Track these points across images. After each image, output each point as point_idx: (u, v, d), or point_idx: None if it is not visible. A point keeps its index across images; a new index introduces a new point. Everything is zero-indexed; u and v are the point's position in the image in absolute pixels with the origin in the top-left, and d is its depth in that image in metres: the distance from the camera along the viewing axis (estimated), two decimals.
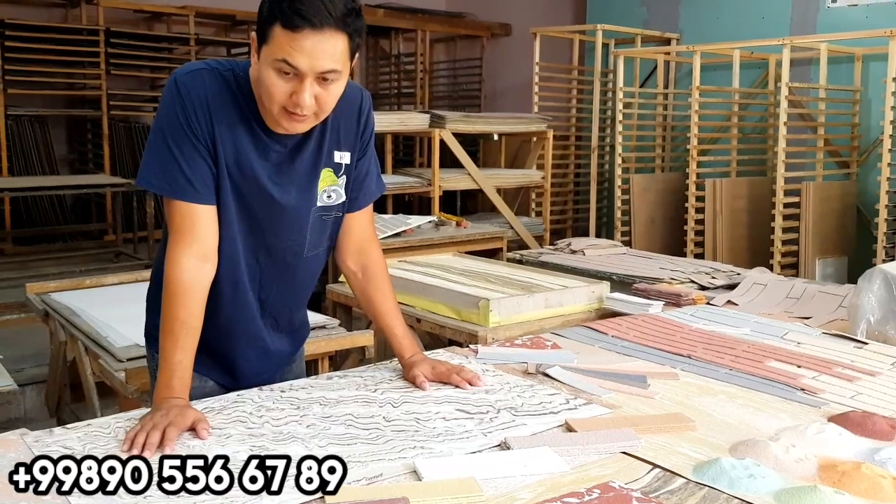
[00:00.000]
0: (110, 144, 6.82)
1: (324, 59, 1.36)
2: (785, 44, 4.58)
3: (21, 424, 3.42)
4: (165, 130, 1.46)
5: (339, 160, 1.59)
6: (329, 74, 1.38)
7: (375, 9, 7.63)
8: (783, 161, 4.59)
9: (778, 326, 2.20)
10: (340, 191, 1.61)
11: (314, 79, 1.38)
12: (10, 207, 6.37)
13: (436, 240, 4.05)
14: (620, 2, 6.59)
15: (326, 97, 1.41)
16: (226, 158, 1.48)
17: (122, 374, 2.19)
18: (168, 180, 1.47)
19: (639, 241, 5.40)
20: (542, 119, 5.70)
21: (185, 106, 1.44)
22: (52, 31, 6.46)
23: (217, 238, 1.51)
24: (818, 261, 4.68)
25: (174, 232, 1.49)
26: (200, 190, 1.47)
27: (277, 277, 1.62)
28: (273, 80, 1.38)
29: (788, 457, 1.24)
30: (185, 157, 1.45)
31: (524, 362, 1.78)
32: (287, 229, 1.57)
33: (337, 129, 1.58)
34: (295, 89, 1.38)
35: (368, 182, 1.68)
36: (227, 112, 1.47)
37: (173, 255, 1.48)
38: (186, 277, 1.47)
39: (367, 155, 1.67)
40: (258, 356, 1.68)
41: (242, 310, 1.61)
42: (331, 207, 1.61)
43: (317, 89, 1.39)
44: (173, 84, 1.46)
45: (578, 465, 1.25)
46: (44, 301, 2.96)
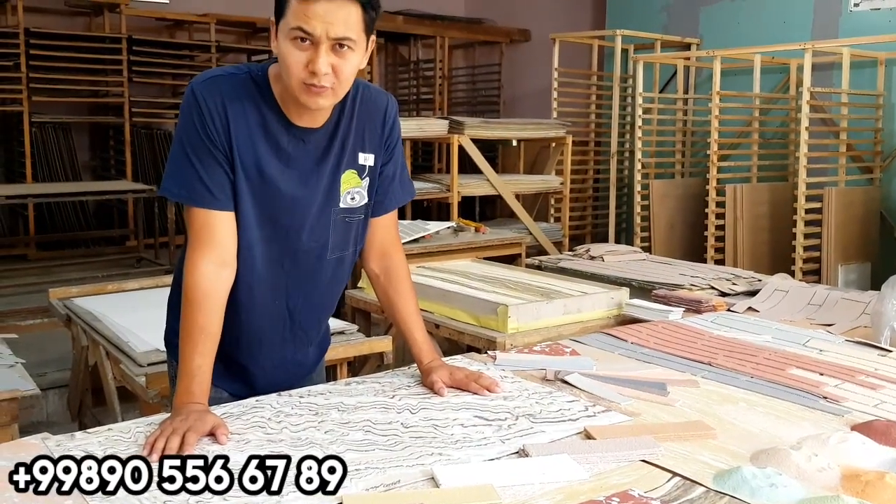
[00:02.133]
0: (132, 151, 6.89)
1: (337, 25, 1.37)
2: (807, 49, 4.54)
3: (43, 428, 3.45)
4: (184, 139, 1.48)
5: (364, 162, 1.59)
6: (344, 41, 1.39)
7: (395, 15, 7.66)
8: (805, 166, 4.55)
9: (800, 334, 2.18)
10: (364, 192, 1.61)
11: (329, 47, 1.39)
12: (34, 213, 6.45)
13: (454, 245, 4.05)
14: (640, 7, 6.58)
15: (343, 67, 1.41)
16: (244, 163, 1.49)
17: (143, 379, 2.21)
18: (186, 188, 1.48)
19: (658, 246, 5.37)
20: (561, 125, 5.69)
21: (202, 114, 1.46)
22: (75, 39, 6.55)
23: (235, 244, 1.52)
24: (840, 267, 4.63)
25: (193, 239, 1.50)
26: (218, 196, 1.48)
27: (303, 284, 1.62)
28: (290, 51, 1.40)
29: (811, 466, 1.23)
30: (203, 165, 1.47)
31: (543, 369, 1.77)
32: (309, 231, 1.56)
33: (362, 131, 1.58)
34: (311, 58, 1.39)
35: (395, 187, 1.68)
36: (244, 116, 1.48)
37: (192, 262, 1.49)
38: (205, 283, 1.48)
39: (392, 159, 1.66)
40: (275, 367, 1.67)
41: (266, 319, 1.61)
42: (354, 209, 1.61)
43: (333, 58, 1.40)
44: (190, 93, 1.47)
45: (597, 472, 1.24)
46: (66, 306, 2.99)
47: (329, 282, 1.66)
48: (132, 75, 6.75)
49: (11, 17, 6.34)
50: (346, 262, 1.67)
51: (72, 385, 3.16)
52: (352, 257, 1.68)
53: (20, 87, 6.28)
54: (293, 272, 1.60)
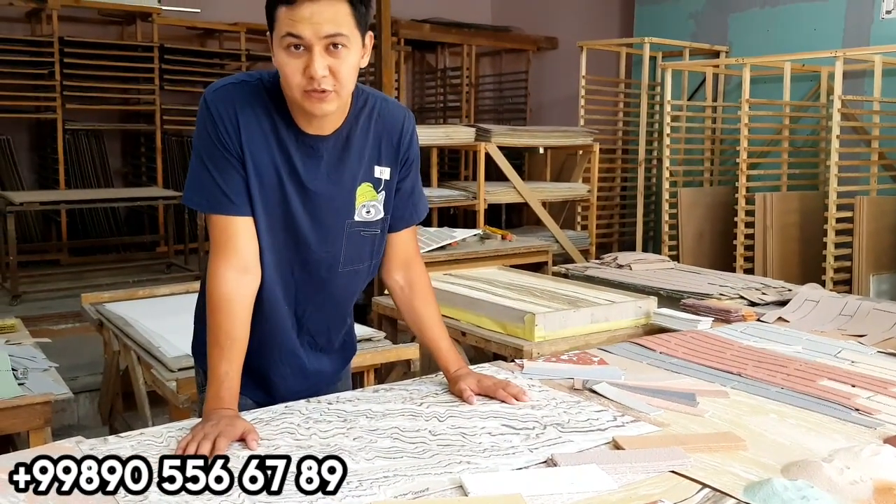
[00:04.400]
0: (163, 158, 6.99)
1: (326, 24, 1.36)
2: (838, 56, 4.49)
3: (74, 431, 3.51)
4: (200, 148, 1.50)
5: (379, 175, 1.59)
6: (336, 39, 1.38)
7: (422, 23, 7.69)
8: (836, 175, 4.50)
9: (831, 344, 2.16)
10: (380, 206, 1.60)
11: (323, 48, 1.38)
12: (66, 219, 6.56)
13: (481, 253, 4.05)
14: (668, 15, 6.55)
15: (340, 67, 1.40)
16: (256, 170, 1.49)
17: (174, 384, 2.23)
18: (206, 196, 1.50)
19: (687, 255, 5.33)
20: (588, 132, 5.68)
21: (215, 122, 1.47)
22: (108, 47, 6.66)
23: (256, 250, 1.52)
24: (872, 277, 4.56)
25: (214, 245, 1.52)
26: (236, 202, 1.49)
27: (313, 293, 1.61)
28: (285, 60, 1.40)
29: (843, 479, 1.21)
30: (220, 171, 1.48)
31: (570, 378, 1.77)
32: (321, 241, 1.56)
33: (378, 145, 1.58)
34: (307, 63, 1.38)
35: (413, 202, 1.68)
36: (255, 123, 1.48)
37: (214, 269, 1.50)
38: (227, 290, 1.49)
39: (410, 175, 1.66)
40: (294, 374, 1.67)
41: (277, 325, 1.61)
42: (370, 223, 1.60)
43: (329, 60, 1.39)
44: (203, 102, 1.49)
45: (626, 483, 1.24)
46: (98, 311, 3.03)
47: (341, 294, 1.65)
48: (163, 83, 6.85)
49: (46, 26, 6.46)
50: (361, 275, 1.66)
51: (103, 389, 3.20)
52: (367, 271, 1.67)
53: (54, 95, 6.40)
54: (303, 281, 1.59)
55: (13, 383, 2.13)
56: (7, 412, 2.04)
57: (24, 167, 6.76)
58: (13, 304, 5.11)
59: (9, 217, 5.17)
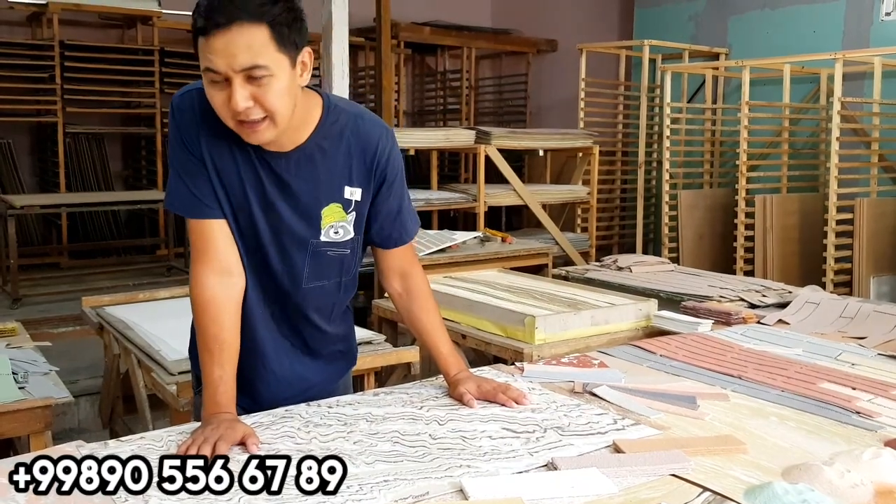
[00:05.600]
0: (163, 161, 6.97)
1: (240, 55, 1.31)
2: (837, 58, 4.50)
3: (75, 435, 3.50)
4: (171, 153, 1.51)
5: (349, 196, 1.55)
6: (254, 71, 1.32)
7: (422, 26, 7.70)
8: (836, 177, 4.50)
9: (831, 347, 2.16)
10: (349, 227, 1.57)
11: (243, 79, 1.33)
12: (67, 222, 6.56)
13: (481, 256, 4.05)
14: (668, 17, 6.55)
15: (265, 95, 1.34)
16: (219, 176, 1.49)
17: (174, 388, 2.23)
18: (181, 200, 1.50)
19: (687, 257, 5.34)
20: (588, 135, 5.68)
21: (180, 126, 1.48)
22: (108, 51, 6.67)
23: (235, 251, 1.52)
24: (873, 279, 4.57)
25: (194, 250, 1.52)
26: (209, 204, 1.49)
27: (283, 301, 1.60)
28: (211, 94, 1.37)
29: (843, 482, 1.21)
30: (190, 176, 1.49)
31: (571, 381, 1.77)
32: (280, 256, 1.54)
33: (349, 164, 1.53)
34: (229, 95, 1.34)
35: (401, 222, 1.64)
36: (220, 130, 1.45)
37: (195, 273, 1.50)
38: (210, 294, 1.49)
39: (393, 194, 1.60)
40: (277, 381, 1.64)
41: (255, 329, 1.59)
42: (338, 243, 1.56)
43: (251, 89, 1.34)
44: (171, 107, 1.50)
45: (627, 486, 1.24)
46: (99, 314, 3.03)
47: (310, 305, 1.62)
48: (164, 86, 6.85)
49: (47, 29, 6.47)
50: (329, 290, 1.62)
51: (103, 392, 3.21)
52: (339, 286, 1.64)
53: (55, 99, 6.40)
54: (272, 289, 1.58)
55: (14, 387, 2.13)
56: (7, 416, 2.04)
57: (24, 170, 6.76)
58: (13, 307, 5.11)
59: (9, 220, 5.17)
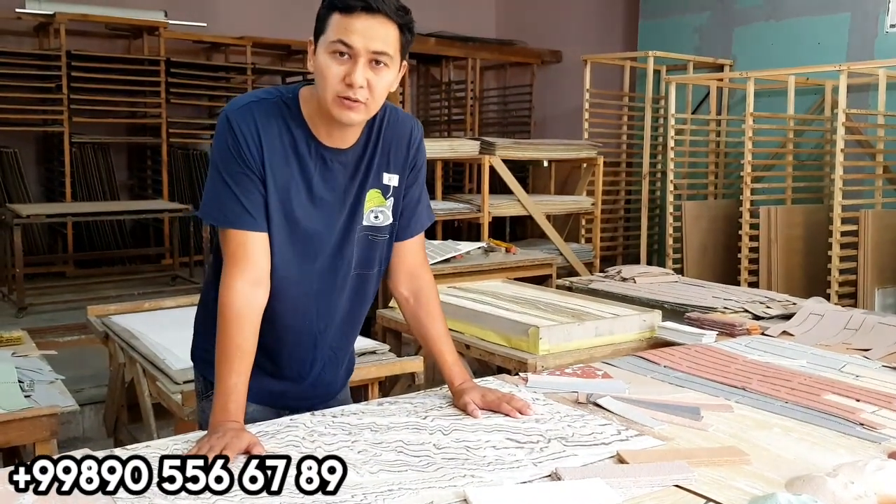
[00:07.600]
0: (169, 171, 7.02)
1: (376, 41, 1.43)
2: (842, 70, 4.50)
3: (80, 444, 3.51)
4: (220, 165, 1.53)
5: (388, 182, 1.63)
6: (381, 57, 1.45)
7: (427, 37, 7.72)
8: (840, 188, 4.50)
9: (836, 358, 2.15)
10: (388, 212, 1.64)
11: (367, 61, 1.44)
12: (72, 231, 6.58)
13: (485, 266, 4.06)
14: (672, 28, 6.57)
15: (377, 83, 1.46)
16: (276, 185, 1.53)
17: (179, 397, 2.24)
18: (225, 211, 1.52)
19: (691, 269, 5.33)
20: (592, 145, 5.69)
21: (238, 140, 1.50)
22: (115, 61, 6.71)
23: (269, 264, 1.55)
24: (877, 290, 4.56)
25: (229, 259, 1.54)
26: (256, 217, 1.52)
27: (328, 302, 1.64)
28: (328, 64, 1.45)
29: (847, 494, 1.21)
30: (240, 188, 1.51)
31: (575, 391, 1.77)
32: (335, 248, 1.60)
33: (388, 152, 1.62)
34: (349, 70, 1.44)
35: (419, 211, 1.71)
36: (277, 139, 1.52)
37: (228, 282, 1.52)
38: (240, 303, 1.51)
39: (417, 183, 1.70)
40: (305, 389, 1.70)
41: (290, 335, 1.64)
42: (378, 228, 1.64)
43: (369, 73, 1.45)
44: (225, 120, 1.52)
45: (630, 497, 1.24)
46: (104, 323, 3.04)
47: (353, 299, 1.68)
48: (170, 96, 6.88)
49: (54, 39, 6.51)
50: (371, 281, 1.69)
51: (108, 401, 3.21)
52: (376, 277, 1.70)
53: (61, 108, 6.43)
54: (322, 291, 1.62)
55: (19, 395, 2.14)
56: (13, 424, 2.05)
57: (30, 180, 6.78)
58: (19, 316, 5.12)
59: (15, 229, 5.19)
